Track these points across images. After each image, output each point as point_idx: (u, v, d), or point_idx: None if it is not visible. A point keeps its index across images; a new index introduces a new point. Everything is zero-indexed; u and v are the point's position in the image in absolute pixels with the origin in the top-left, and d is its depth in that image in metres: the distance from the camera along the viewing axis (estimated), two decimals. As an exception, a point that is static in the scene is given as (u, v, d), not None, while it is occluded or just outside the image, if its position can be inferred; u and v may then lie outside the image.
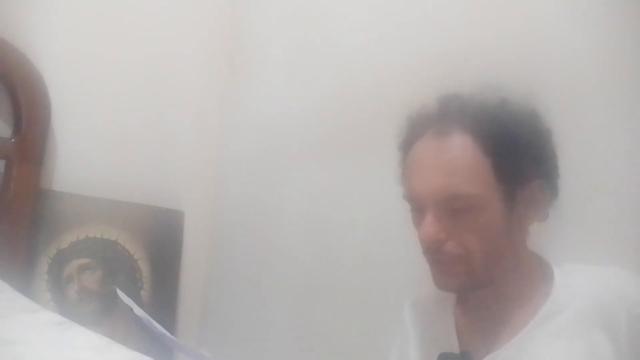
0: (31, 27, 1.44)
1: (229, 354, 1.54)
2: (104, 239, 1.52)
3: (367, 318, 1.29)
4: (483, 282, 0.84)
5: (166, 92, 1.70)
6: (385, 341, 1.02)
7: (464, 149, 0.81)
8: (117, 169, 1.57)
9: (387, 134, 0.95)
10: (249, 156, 1.70)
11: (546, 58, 1.08)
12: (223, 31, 1.82)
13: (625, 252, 0.93)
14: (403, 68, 1.31)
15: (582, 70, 1.04)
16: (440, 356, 0.86)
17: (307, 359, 1.40)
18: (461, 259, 0.81)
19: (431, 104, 0.87)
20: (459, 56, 1.18)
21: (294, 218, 1.52)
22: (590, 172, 0.99)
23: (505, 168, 0.80)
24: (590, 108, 1.02)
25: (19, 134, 1.38)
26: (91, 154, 1.53)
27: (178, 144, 1.72)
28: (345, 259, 1.38)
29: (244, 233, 1.66)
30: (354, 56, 1.44)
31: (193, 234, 1.71)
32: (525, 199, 0.82)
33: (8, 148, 1.37)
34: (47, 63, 1.44)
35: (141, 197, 1.61)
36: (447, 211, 0.81)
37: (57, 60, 1.48)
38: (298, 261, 1.48)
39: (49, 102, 1.43)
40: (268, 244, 1.58)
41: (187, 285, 1.70)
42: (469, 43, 1.19)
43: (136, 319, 0.84)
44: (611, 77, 1.01)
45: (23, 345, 0.70)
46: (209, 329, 1.70)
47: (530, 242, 0.86)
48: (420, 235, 0.83)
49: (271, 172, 1.61)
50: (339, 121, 1.44)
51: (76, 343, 0.74)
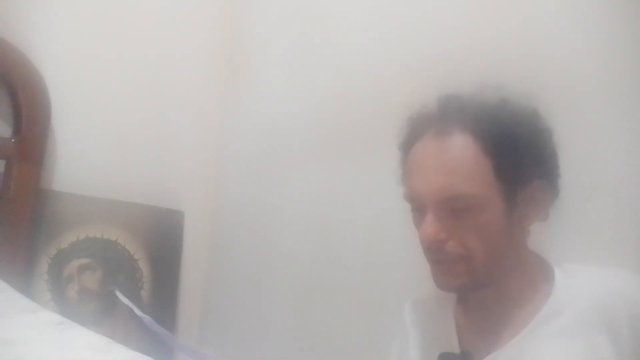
0: (31, 27, 1.44)
1: (229, 354, 1.54)
2: (104, 239, 1.52)
3: (367, 318, 1.29)
4: (484, 282, 0.83)
5: (166, 92, 1.70)
6: (385, 341, 1.02)
7: (464, 149, 0.81)
8: (117, 169, 1.57)
9: (387, 134, 0.95)
10: (249, 156, 1.70)
11: (546, 58, 1.08)
12: (223, 31, 1.81)
13: (626, 252, 0.93)
14: (403, 68, 1.31)
15: (582, 70, 1.04)
16: (440, 356, 0.86)
17: (307, 359, 1.40)
18: (462, 259, 0.81)
19: (431, 104, 0.87)
20: (459, 56, 1.17)
21: (294, 218, 1.52)
22: (590, 172, 0.99)
23: (506, 168, 0.80)
24: (590, 108, 1.02)
25: (19, 134, 1.38)
26: (91, 154, 1.53)
27: (178, 144, 1.72)
28: (345, 259, 1.38)
29: (244, 233, 1.66)
30: (354, 56, 1.44)
31: (193, 234, 1.71)
32: (526, 199, 0.82)
33: (8, 148, 1.37)
34: (47, 63, 1.44)
35: (141, 197, 1.61)
36: (448, 211, 0.81)
37: (57, 60, 1.48)
38: (298, 261, 1.48)
39: (49, 102, 1.43)
40: (268, 244, 1.58)
41: (187, 285, 1.70)
42: (469, 43, 1.19)
43: (137, 319, 0.84)
44: (611, 77, 1.01)
45: (23, 345, 0.70)
46: (209, 329, 1.69)
47: (531, 242, 0.86)
48: (420, 235, 0.83)
49: (271, 172, 1.61)
50: (339, 121, 1.44)
51: (76, 343, 0.74)
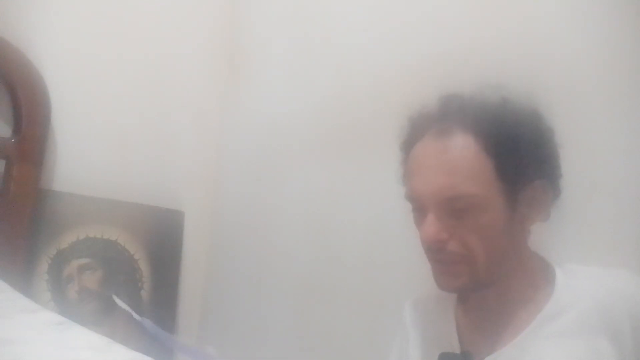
0: (31, 27, 1.44)
1: (229, 354, 1.54)
2: (104, 239, 1.52)
3: (367, 318, 1.29)
4: (485, 282, 0.83)
5: (166, 92, 1.70)
6: (385, 341, 1.02)
7: (465, 148, 0.81)
8: (117, 169, 1.57)
9: (387, 134, 0.95)
10: (249, 156, 1.70)
11: (546, 58, 1.08)
12: (223, 31, 1.81)
13: (627, 252, 0.93)
14: (403, 68, 1.31)
15: (582, 70, 1.04)
16: (440, 356, 0.86)
17: (307, 359, 1.40)
18: (463, 259, 0.81)
19: (432, 103, 0.87)
20: (459, 56, 1.17)
21: (294, 218, 1.52)
22: (591, 172, 0.98)
23: (507, 168, 0.80)
24: (590, 108, 1.02)
25: (19, 134, 1.38)
26: (91, 154, 1.53)
27: (178, 144, 1.72)
28: (345, 259, 1.38)
29: (244, 233, 1.66)
30: (354, 56, 1.44)
31: (193, 234, 1.71)
32: (527, 199, 0.82)
33: (8, 148, 1.37)
34: (47, 63, 1.44)
35: (141, 197, 1.61)
36: (449, 211, 0.80)
37: (57, 60, 1.48)
38: (298, 261, 1.48)
39: (49, 102, 1.43)
40: (268, 244, 1.57)
41: (187, 285, 1.70)
42: (469, 43, 1.19)
43: (136, 323, 0.84)
44: (611, 77, 1.01)
45: (23, 345, 0.70)
46: (209, 329, 1.69)
47: (532, 242, 0.86)
48: (422, 235, 0.83)
49: (271, 172, 1.61)
50: (339, 121, 1.44)
51: (76, 343, 0.74)
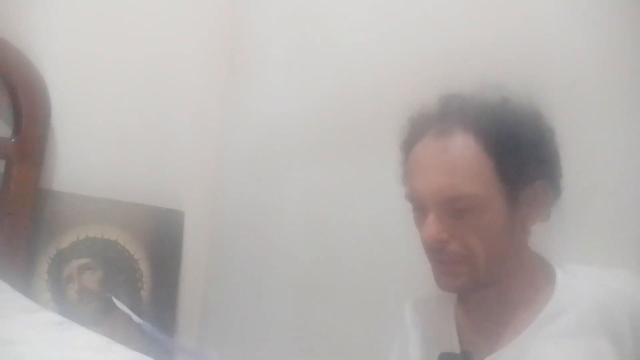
0: (31, 27, 1.44)
1: (229, 354, 1.54)
2: (104, 239, 1.52)
3: (367, 318, 1.29)
4: (485, 282, 0.83)
5: (166, 92, 1.70)
6: (385, 341, 1.02)
7: (465, 148, 0.81)
8: (117, 169, 1.57)
9: (387, 134, 0.95)
10: (249, 156, 1.69)
11: (546, 58, 1.08)
12: (223, 31, 1.81)
13: (627, 252, 0.93)
14: (403, 68, 1.31)
15: (582, 70, 1.04)
16: (441, 356, 0.86)
17: (307, 359, 1.40)
18: (463, 259, 0.81)
19: (432, 103, 0.87)
20: (459, 56, 1.17)
21: (294, 218, 1.52)
22: (591, 172, 0.98)
23: (508, 168, 0.80)
24: (590, 108, 1.02)
25: (19, 134, 1.38)
26: (91, 154, 1.53)
27: (178, 144, 1.72)
28: (345, 259, 1.38)
29: (244, 233, 1.66)
30: (354, 56, 1.44)
31: (193, 234, 1.71)
32: (528, 199, 0.82)
33: (8, 148, 1.37)
34: (47, 63, 1.44)
35: (141, 197, 1.61)
36: (449, 211, 0.80)
37: (57, 60, 1.48)
38: (298, 261, 1.48)
39: (49, 102, 1.43)
40: (268, 244, 1.57)
41: (187, 285, 1.70)
42: (469, 43, 1.19)
43: (136, 326, 0.83)
44: (611, 77, 1.01)
45: (23, 345, 0.70)
46: (209, 329, 1.69)
47: (532, 243, 0.86)
48: (422, 236, 0.83)
49: (271, 172, 1.61)
50: (339, 121, 1.44)
51: (76, 343, 0.74)
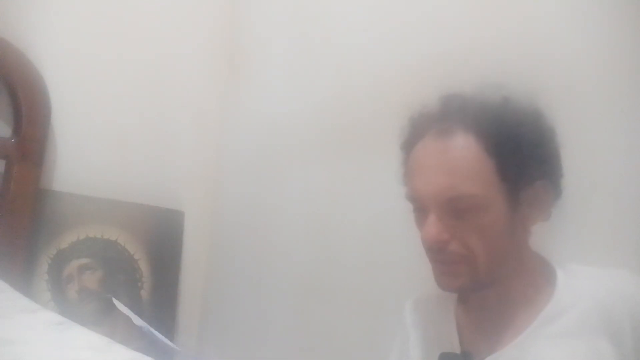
0: (31, 27, 1.44)
1: (229, 354, 1.54)
2: (104, 239, 1.52)
3: (367, 318, 1.29)
4: (485, 282, 0.83)
5: (166, 92, 1.70)
6: (385, 341, 1.02)
7: (466, 148, 0.80)
8: (117, 169, 1.57)
9: (387, 134, 0.95)
10: (249, 156, 1.70)
11: (546, 58, 1.08)
12: (223, 31, 1.82)
13: (627, 252, 0.93)
14: (403, 68, 1.31)
15: (582, 70, 1.04)
16: (441, 356, 0.86)
17: (307, 359, 1.40)
18: (464, 259, 0.81)
19: (432, 103, 0.87)
20: (459, 56, 1.17)
21: (294, 218, 1.52)
22: (591, 171, 0.98)
23: (509, 168, 0.80)
24: (590, 108, 1.02)
25: (19, 134, 1.38)
26: (91, 154, 1.54)
27: (178, 144, 1.72)
28: (345, 259, 1.38)
29: (244, 233, 1.66)
30: (354, 56, 1.44)
31: (193, 234, 1.71)
32: (529, 199, 0.81)
33: (8, 148, 1.37)
34: (47, 63, 1.44)
35: (141, 197, 1.61)
36: (450, 211, 0.80)
37: (57, 60, 1.48)
38: (298, 261, 1.48)
39: (49, 102, 1.43)
40: (268, 244, 1.57)
41: (187, 285, 1.70)
42: (469, 43, 1.19)
43: (136, 327, 0.83)
44: (611, 77, 1.01)
45: (23, 345, 0.70)
46: (209, 329, 1.69)
47: (533, 242, 0.86)
48: (423, 236, 0.83)
49: (271, 172, 1.61)
50: (339, 121, 1.44)
51: (76, 343, 0.74)
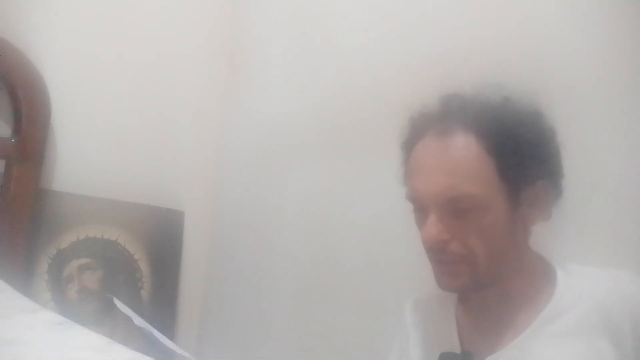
0: (31, 27, 1.44)
1: (229, 354, 1.54)
2: (104, 239, 1.52)
3: (367, 318, 1.29)
4: (486, 282, 0.83)
5: (166, 92, 1.70)
6: (385, 341, 1.02)
7: (466, 148, 0.80)
8: (117, 169, 1.57)
9: (387, 134, 0.95)
10: (249, 156, 1.70)
11: (546, 58, 1.08)
12: (223, 31, 1.81)
13: (627, 252, 0.93)
14: (403, 68, 1.31)
15: (582, 70, 1.04)
16: (441, 356, 0.86)
17: (307, 359, 1.40)
18: (464, 259, 0.81)
19: (433, 103, 0.87)
20: (459, 56, 1.17)
21: (294, 218, 1.52)
22: (591, 172, 0.98)
23: (509, 168, 0.80)
24: (590, 108, 1.02)
25: (19, 134, 1.38)
26: (91, 154, 1.53)
27: (178, 144, 1.72)
28: (345, 259, 1.38)
29: (244, 233, 1.66)
30: (354, 56, 1.44)
31: (193, 234, 1.71)
32: (529, 199, 0.82)
33: (8, 148, 1.37)
34: (47, 63, 1.44)
35: (141, 197, 1.61)
36: (450, 211, 0.80)
37: (57, 60, 1.48)
38: (298, 261, 1.48)
39: (49, 102, 1.43)
40: (268, 244, 1.57)
41: (187, 285, 1.70)
42: (469, 43, 1.19)
43: (136, 328, 0.83)
44: (611, 77, 1.01)
45: (23, 345, 0.70)
46: (209, 329, 1.69)
47: (533, 242, 0.86)
48: (423, 236, 0.83)
49: (271, 172, 1.61)
50: (339, 121, 1.44)
51: (76, 343, 0.74)
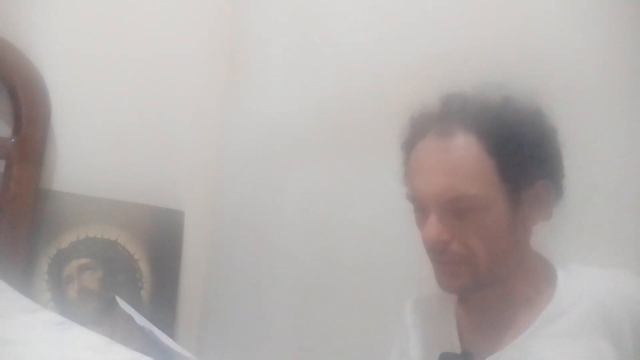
0: (31, 27, 1.44)
1: (229, 354, 1.54)
2: (104, 239, 1.52)
3: (367, 318, 1.29)
4: (486, 282, 0.83)
5: (166, 92, 1.70)
6: (385, 341, 1.02)
7: (467, 148, 0.80)
8: (117, 169, 1.58)
9: (387, 134, 0.95)
10: (249, 156, 1.70)
11: (546, 58, 1.08)
12: (223, 31, 1.82)
13: (627, 252, 0.93)
14: (403, 68, 1.31)
15: (582, 70, 1.04)
16: (441, 356, 0.86)
17: (307, 359, 1.40)
18: (465, 259, 0.80)
19: (433, 103, 0.87)
20: (459, 56, 1.17)
21: (294, 218, 1.52)
22: (591, 172, 0.98)
23: (510, 168, 0.79)
24: (590, 108, 1.02)
25: (19, 134, 1.38)
26: (91, 154, 1.54)
27: (178, 144, 1.72)
28: (345, 259, 1.38)
29: (244, 233, 1.66)
30: (354, 56, 1.44)
31: (193, 234, 1.71)
32: (530, 199, 0.81)
33: (8, 148, 1.37)
34: (47, 63, 1.45)
35: (141, 197, 1.61)
36: (451, 212, 0.80)
37: (57, 60, 1.48)
38: (298, 261, 1.48)
39: (49, 102, 1.43)
40: (268, 244, 1.57)
41: (187, 285, 1.70)
42: (469, 43, 1.19)
43: (138, 327, 0.83)
44: (611, 77, 1.01)
45: (23, 345, 0.70)
46: (209, 329, 1.69)
47: (533, 242, 0.86)
48: (424, 236, 0.82)
49: (271, 172, 1.61)
50: (339, 121, 1.44)
51: (76, 343, 0.74)
